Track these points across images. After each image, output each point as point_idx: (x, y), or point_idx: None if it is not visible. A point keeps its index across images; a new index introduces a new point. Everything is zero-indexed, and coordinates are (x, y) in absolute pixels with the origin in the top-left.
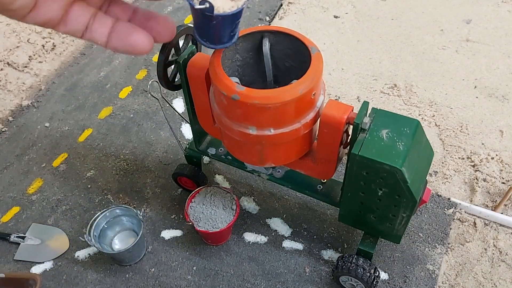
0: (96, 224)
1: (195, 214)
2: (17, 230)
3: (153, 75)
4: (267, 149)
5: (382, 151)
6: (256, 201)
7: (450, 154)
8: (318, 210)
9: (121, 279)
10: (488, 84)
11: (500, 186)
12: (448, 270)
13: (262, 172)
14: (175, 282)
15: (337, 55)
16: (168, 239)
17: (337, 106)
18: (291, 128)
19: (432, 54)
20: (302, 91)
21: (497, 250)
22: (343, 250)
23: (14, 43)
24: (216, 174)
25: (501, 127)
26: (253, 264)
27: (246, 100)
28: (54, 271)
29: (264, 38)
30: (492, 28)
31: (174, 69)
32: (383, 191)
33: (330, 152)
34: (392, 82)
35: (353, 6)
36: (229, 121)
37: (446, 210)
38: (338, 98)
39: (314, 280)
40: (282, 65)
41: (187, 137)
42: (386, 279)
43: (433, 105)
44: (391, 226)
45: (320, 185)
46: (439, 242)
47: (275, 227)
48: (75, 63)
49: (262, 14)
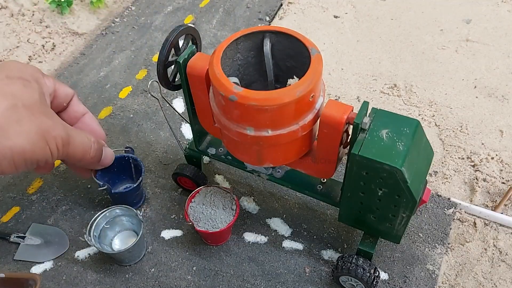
0: (96, 224)
1: (195, 214)
2: (17, 230)
3: (153, 75)
4: (265, 150)
5: (382, 151)
6: (256, 201)
7: (450, 154)
8: (318, 210)
9: (121, 279)
10: (488, 84)
11: (500, 186)
12: (448, 270)
13: (262, 172)
14: (175, 282)
15: (337, 55)
16: (168, 239)
17: (337, 106)
18: (289, 129)
19: (431, 54)
20: (300, 93)
21: (497, 250)
22: (343, 250)
23: (14, 43)
24: (216, 174)
25: (501, 127)
26: (253, 264)
27: (243, 101)
28: (54, 271)
29: (265, 38)
30: (492, 28)
31: (174, 69)
32: (383, 191)
33: (330, 152)
34: (392, 82)
35: (352, 6)
36: (227, 121)
37: (446, 210)
38: (338, 98)
39: (314, 280)
40: (283, 65)
41: (187, 137)
42: (386, 279)
43: (433, 105)
44: (391, 226)
45: (320, 185)
46: (439, 242)
47: (275, 227)
48: (75, 63)
49: (262, 14)
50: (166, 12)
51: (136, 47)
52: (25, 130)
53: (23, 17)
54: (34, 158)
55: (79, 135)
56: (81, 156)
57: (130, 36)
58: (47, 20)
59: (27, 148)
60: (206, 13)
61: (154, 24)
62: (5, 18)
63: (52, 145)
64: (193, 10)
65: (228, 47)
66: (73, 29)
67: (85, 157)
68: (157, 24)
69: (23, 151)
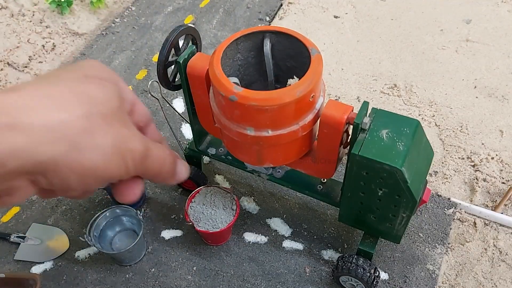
0: (96, 224)
1: (195, 214)
2: (17, 230)
3: (153, 75)
4: (265, 150)
5: (382, 151)
6: (256, 201)
7: (450, 154)
8: (318, 210)
9: (121, 279)
10: (488, 84)
11: (500, 186)
12: (448, 270)
13: (262, 172)
14: (175, 282)
15: (337, 55)
16: (168, 239)
17: (337, 106)
18: (289, 129)
19: (432, 54)
20: (300, 94)
21: (497, 250)
22: (343, 250)
23: (14, 43)
24: (216, 174)
25: (501, 127)
26: (253, 264)
27: (243, 101)
28: (54, 271)
29: (265, 38)
30: (492, 28)
31: (174, 69)
32: (383, 191)
33: (330, 152)
34: (392, 82)
35: (353, 6)
36: (228, 122)
37: (446, 210)
38: (338, 98)
39: (314, 280)
40: (283, 65)
41: (187, 137)
42: (386, 279)
43: (433, 105)
44: (391, 226)
45: (320, 185)
46: (439, 242)
47: (275, 227)
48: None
49: (262, 14)
50: (166, 12)
51: (136, 47)
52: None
53: (24, 18)
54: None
55: (157, 147)
56: (158, 170)
57: (130, 36)
58: (47, 21)
59: (100, 164)
60: (206, 13)
61: (154, 24)
62: (5, 19)
63: (129, 160)
64: (193, 10)
65: (228, 47)
66: (73, 29)
67: (161, 172)
68: (157, 24)
69: (95, 167)
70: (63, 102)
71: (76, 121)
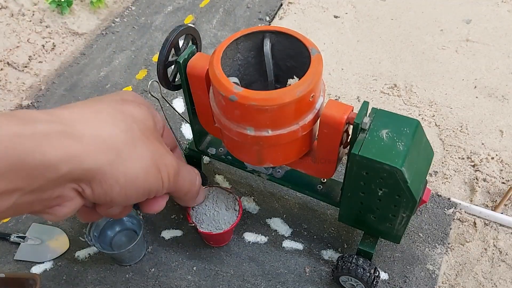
0: (96, 224)
1: (198, 215)
2: (17, 230)
3: (153, 75)
4: (265, 150)
5: (382, 151)
6: (256, 201)
7: (450, 154)
8: (318, 210)
9: (121, 279)
10: (488, 84)
11: (500, 186)
12: (448, 270)
13: (262, 172)
14: (175, 282)
15: (337, 55)
16: (168, 239)
17: (337, 106)
18: (289, 129)
19: (432, 54)
20: (300, 93)
21: (497, 250)
22: (343, 250)
23: (14, 43)
24: (216, 174)
25: (501, 127)
26: (253, 264)
27: (243, 101)
28: (54, 271)
29: (265, 38)
30: (492, 28)
31: (174, 69)
32: (383, 191)
33: (330, 152)
34: (392, 82)
35: (353, 6)
36: (228, 121)
37: (446, 210)
38: (338, 98)
39: (314, 280)
40: (283, 65)
41: (187, 137)
42: (386, 279)
43: (433, 105)
44: (391, 226)
45: (320, 185)
46: (439, 242)
47: (275, 227)
48: (75, 63)
49: (262, 14)
50: (166, 12)
51: (136, 47)
52: (140, 154)
53: (23, 17)
54: (146, 186)
55: (186, 167)
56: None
57: (130, 36)
58: (47, 20)
59: (141, 175)
60: (206, 13)
61: (154, 24)
62: (5, 18)
63: (164, 174)
64: (193, 10)
65: (228, 47)
66: (73, 29)
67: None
68: (157, 24)
69: (136, 177)
70: (109, 117)
71: (120, 134)
